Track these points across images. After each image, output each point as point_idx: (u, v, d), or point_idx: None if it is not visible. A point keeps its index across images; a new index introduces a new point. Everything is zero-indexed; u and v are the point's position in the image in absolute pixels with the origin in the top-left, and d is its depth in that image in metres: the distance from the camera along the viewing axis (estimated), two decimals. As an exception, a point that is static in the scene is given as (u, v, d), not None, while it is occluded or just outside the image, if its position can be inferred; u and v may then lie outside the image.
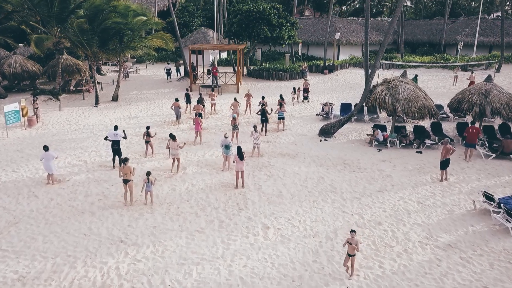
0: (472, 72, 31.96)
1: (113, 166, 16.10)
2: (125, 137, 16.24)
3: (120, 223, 12.11)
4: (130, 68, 39.34)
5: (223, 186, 14.52)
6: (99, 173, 15.58)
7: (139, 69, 40.48)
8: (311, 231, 11.70)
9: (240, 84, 33.30)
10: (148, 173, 12.92)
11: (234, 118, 18.90)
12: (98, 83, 32.31)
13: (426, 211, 12.82)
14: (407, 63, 41.40)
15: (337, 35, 39.53)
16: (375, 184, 14.74)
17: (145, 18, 26.17)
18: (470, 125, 17.48)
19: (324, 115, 23.27)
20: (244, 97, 24.82)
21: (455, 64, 38.82)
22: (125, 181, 12.95)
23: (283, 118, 21.10)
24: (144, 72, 40.60)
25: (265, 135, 20.18)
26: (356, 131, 21.14)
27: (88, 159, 17.11)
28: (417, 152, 18.04)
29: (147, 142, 17.20)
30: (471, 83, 29.54)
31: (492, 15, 69.14)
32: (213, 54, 42.65)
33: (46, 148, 14.40)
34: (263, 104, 20.79)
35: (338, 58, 44.67)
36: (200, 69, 38.62)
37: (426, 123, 21.11)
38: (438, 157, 17.27)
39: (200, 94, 24.28)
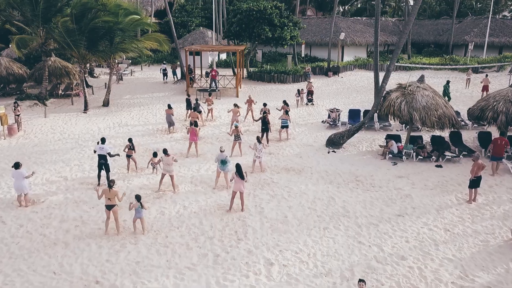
0: (486, 75, 30.11)
1: (98, 183, 14.26)
2: (111, 155, 14.23)
3: (97, 257, 10.26)
4: (124, 70, 37.51)
5: (219, 208, 12.67)
6: (79, 193, 13.73)
7: (134, 71, 38.65)
8: (322, 268, 9.85)
9: (240, 88, 31.48)
10: (138, 198, 11.06)
11: (236, 127, 17.03)
12: (89, 86, 30.55)
13: (456, 242, 10.96)
14: (414, 65, 39.58)
15: (342, 36, 37.70)
16: (393, 206, 12.88)
17: (138, 17, 24.31)
18: (498, 136, 15.62)
19: (331, 123, 21.41)
20: (246, 103, 22.94)
21: (467, 66, 36.96)
22: (109, 207, 11.11)
23: (287, 127, 19.27)
24: (139, 74, 38.76)
25: (268, 145, 18.36)
26: (367, 141, 19.28)
27: (69, 175, 15.26)
28: (436, 166, 16.18)
29: (128, 156, 15.33)
30: (485, 87, 27.74)
31: (497, 15, 67.35)
32: (211, 56, 40.83)
33: (16, 165, 12.56)
34: (264, 112, 18.93)
35: (342, 60, 42.82)
36: (198, 72, 36.82)
37: (444, 133, 19.25)
38: (461, 172, 15.49)
39: (197, 100, 22.36)
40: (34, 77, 27.03)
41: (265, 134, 18.50)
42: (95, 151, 14.21)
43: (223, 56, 44.64)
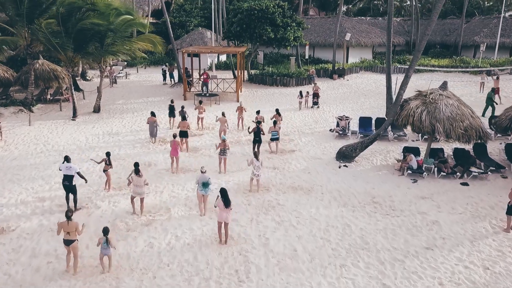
0: (497, 77, 28.32)
1: (68, 206, 12.46)
2: (80, 175, 12.35)
3: (69, 306, 8.48)
4: (119, 73, 35.72)
5: (217, 239, 10.88)
6: (56, 218, 11.92)
7: (129, 74, 36.84)
8: (342, 322, 8.07)
9: (241, 91, 29.69)
10: (106, 231, 9.25)
11: (223, 141, 15.10)
12: (80, 90, 28.79)
13: (499, 284, 9.17)
14: (423, 67, 37.80)
15: (348, 36, 35.90)
16: (420, 236, 11.08)
17: (130, 18, 22.52)
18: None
19: (340, 132, 19.60)
20: (236, 111, 21.13)
21: (480, 69, 35.17)
22: (67, 242, 9.33)
23: (277, 139, 17.44)
24: (135, 77, 36.96)
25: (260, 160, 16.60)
26: (381, 153, 17.48)
27: (48, 195, 13.46)
28: (462, 184, 14.39)
29: (105, 171, 13.55)
30: (496, 89, 26.07)
31: (504, 14, 65.47)
32: (211, 58, 39.09)
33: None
34: (258, 122, 17.00)
35: (347, 61, 40.98)
36: (196, 75, 35.05)
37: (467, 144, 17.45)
38: (491, 192, 13.71)
39: (183, 107, 20.14)
40: (20, 81, 25.22)
41: (257, 146, 16.70)
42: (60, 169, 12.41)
43: (223, 57, 42.86)
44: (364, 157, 16.87)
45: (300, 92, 26.80)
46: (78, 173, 12.18)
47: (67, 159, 12.30)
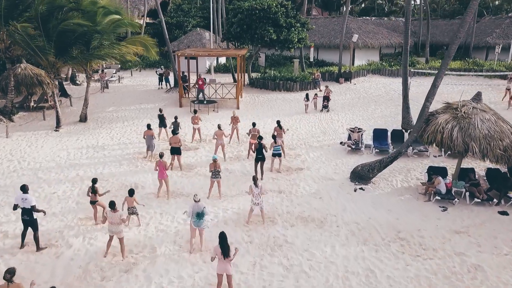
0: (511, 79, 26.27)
1: (22, 244, 10.37)
2: (36, 210, 10.17)
3: None
4: (112, 77, 33.63)
5: (212, 291, 8.78)
6: (15, 262, 9.82)
7: (123, 78, 34.73)
8: None
9: (241, 97, 27.60)
10: None
11: (214, 161, 12.91)
12: (68, 96, 26.73)
13: None
14: (434, 71, 35.67)
15: (355, 37, 33.78)
16: (462, 288, 8.98)
17: (119, 17, 20.41)
18: None
19: (353, 146, 17.47)
20: (230, 123, 18.90)
21: (498, 73, 33.06)
22: None
23: (279, 155, 15.30)
24: (128, 81, 34.84)
25: (262, 179, 14.47)
26: (400, 172, 15.36)
27: (11, 230, 11.34)
28: (500, 213, 12.29)
29: (93, 202, 11.46)
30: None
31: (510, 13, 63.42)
32: (209, 60, 37.03)
33: None
34: (260, 137, 14.74)
35: (353, 64, 38.84)
36: (194, 78, 32.94)
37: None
38: (538, 224, 11.57)
39: (176, 118, 18.04)
40: (0, 87, 23.15)
41: (260, 164, 14.57)
42: (16, 206, 10.16)
43: (222, 60, 40.77)
44: (382, 177, 14.75)
45: (307, 94, 24.84)
46: (33, 208, 10.03)
47: (23, 188, 10.17)
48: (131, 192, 11.18)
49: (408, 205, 12.84)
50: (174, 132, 15.67)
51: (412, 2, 74.13)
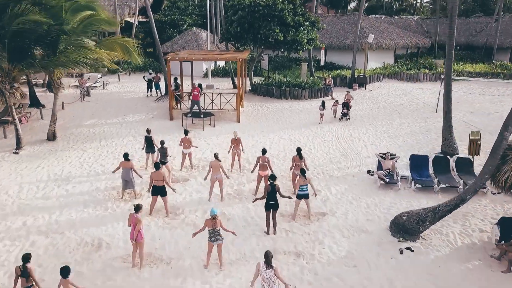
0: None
1: None
2: None
3: None
4: (95, 82, 29.82)
5: None
6: None
7: (108, 84, 30.85)
8: None
9: (242, 107, 23.80)
10: None
11: (214, 217, 8.99)
12: (40, 106, 22.94)
13: None
14: (458, 77, 31.90)
15: (370, 38, 29.97)
16: None
17: (92, 13, 16.57)
18: None
19: (387, 179, 13.61)
20: (230, 147, 14.95)
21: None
22: None
23: (306, 197, 11.36)
24: (115, 86, 30.97)
25: (274, 233, 10.68)
26: (456, 220, 11.51)
27: None
28: None
29: None
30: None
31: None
32: (206, 63, 33.21)
33: None
34: (272, 177, 10.73)
35: (366, 67, 35.01)
36: (188, 84, 29.14)
37: None
38: None
39: (162, 144, 13.93)
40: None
41: (272, 214, 10.74)
42: None
43: (221, 62, 36.91)
44: (433, 227, 10.93)
45: (323, 102, 21.17)
46: None
47: None
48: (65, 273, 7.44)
49: (480, 280, 9.02)
50: (159, 165, 11.79)
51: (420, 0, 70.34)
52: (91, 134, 19.41)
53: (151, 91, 27.19)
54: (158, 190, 11.51)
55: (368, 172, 14.73)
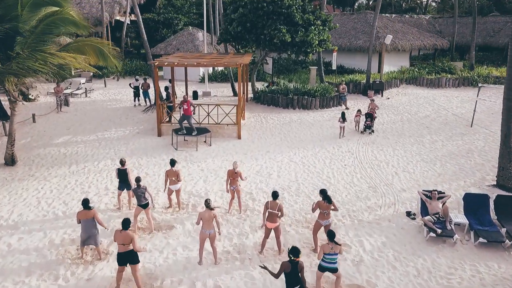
0: None
1: None
2: None
3: None
4: (78, 89, 26.43)
5: None
6: None
7: (91, 90, 27.42)
8: None
9: (243, 119, 20.43)
10: None
11: None
12: (7, 119, 19.51)
13: None
14: (485, 84, 28.62)
15: (388, 39, 26.57)
16: None
17: (56, 9, 13.16)
18: None
19: (437, 225, 10.18)
20: (227, 181, 11.40)
21: None
22: None
23: (334, 270, 7.99)
24: (100, 93, 27.53)
25: None
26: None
27: None
28: None
29: None
30: None
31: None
32: (203, 67, 29.73)
33: None
34: (295, 252, 7.05)
35: (380, 71, 31.60)
36: (183, 91, 25.87)
37: None
38: None
39: (138, 181, 10.28)
40: None
41: None
42: None
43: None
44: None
45: (343, 114, 18.05)
46: None
47: None
48: None
49: None
50: (126, 225, 8.30)
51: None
52: (60, 156, 16.00)
53: (138, 99, 23.80)
54: (125, 258, 8.12)
55: (408, 214, 11.35)
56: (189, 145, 17.17)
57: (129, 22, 39.55)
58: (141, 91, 23.50)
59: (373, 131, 18.81)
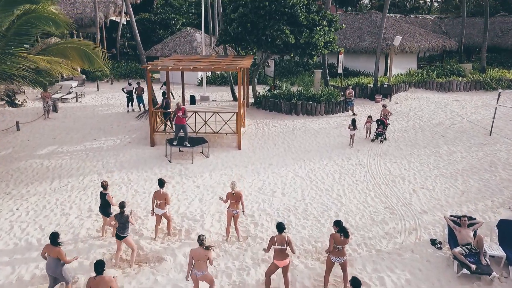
0: None
1: None
2: None
3: None
4: (69, 93, 24.99)
5: None
6: None
7: (83, 95, 25.95)
8: None
9: (243, 127, 19.00)
10: None
11: None
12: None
13: None
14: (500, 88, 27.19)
15: (397, 40, 25.15)
16: None
17: (32, 7, 11.70)
18: None
19: (470, 259, 8.73)
20: (227, 211, 10.03)
21: None
22: None
23: None
24: (92, 98, 26.07)
25: None
26: None
27: None
28: None
29: None
30: None
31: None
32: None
33: None
34: None
35: (386, 74, 30.15)
36: (179, 97, 24.51)
37: None
38: None
39: (122, 207, 8.75)
40: None
41: None
42: None
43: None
44: None
45: (353, 120, 16.71)
46: None
47: None
48: None
49: None
50: (97, 271, 6.82)
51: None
52: (43, 169, 14.55)
53: (132, 105, 22.35)
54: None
55: (433, 243, 9.88)
56: (185, 156, 15.73)
57: (125, 22, 38.17)
58: (134, 96, 22.07)
59: (385, 139, 17.45)
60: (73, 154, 16.12)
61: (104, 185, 9.91)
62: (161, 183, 9.97)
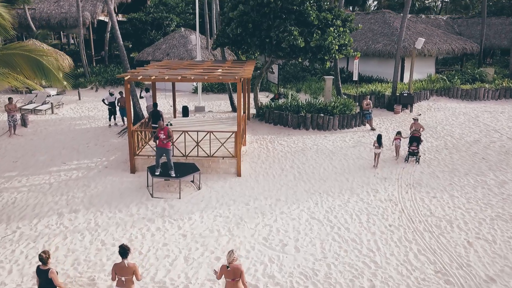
0: None
1: None
2: None
3: None
4: (44, 102, 21.94)
5: None
6: None
7: (60, 105, 22.83)
8: None
9: (244, 146, 15.95)
10: None
11: None
12: None
13: None
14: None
15: (419, 42, 22.05)
16: None
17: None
18: None
19: None
20: (221, 275, 6.88)
21: None
22: None
23: None
24: (71, 108, 22.97)
25: None
26: None
27: None
28: None
29: None
30: None
31: None
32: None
33: None
34: None
35: (402, 80, 27.07)
36: (170, 107, 21.48)
37: None
38: None
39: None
40: None
41: None
42: None
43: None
44: None
45: (379, 137, 13.73)
46: None
47: None
48: None
49: None
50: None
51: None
52: (-10, 208, 11.48)
53: (115, 118, 19.29)
54: None
55: None
56: (171, 188, 12.66)
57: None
58: (117, 108, 19.00)
59: (418, 160, 14.48)
60: (33, 184, 13.03)
61: (44, 259, 6.83)
62: (124, 252, 6.89)
